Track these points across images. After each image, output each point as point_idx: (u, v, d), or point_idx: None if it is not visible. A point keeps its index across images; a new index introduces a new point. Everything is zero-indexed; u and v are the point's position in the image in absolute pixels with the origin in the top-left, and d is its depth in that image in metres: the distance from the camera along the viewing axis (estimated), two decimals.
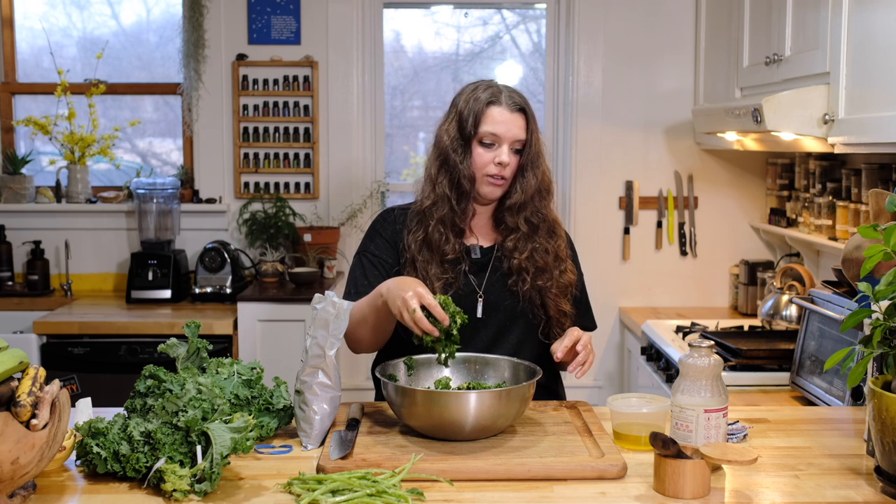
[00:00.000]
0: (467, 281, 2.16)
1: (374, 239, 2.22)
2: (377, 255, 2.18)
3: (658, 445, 1.53)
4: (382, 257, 2.18)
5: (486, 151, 2.11)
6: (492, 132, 2.10)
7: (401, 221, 2.21)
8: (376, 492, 1.48)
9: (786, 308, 3.23)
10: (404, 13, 4.41)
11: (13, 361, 1.43)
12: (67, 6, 4.42)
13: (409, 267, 2.14)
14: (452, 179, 2.13)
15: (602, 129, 4.15)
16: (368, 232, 2.25)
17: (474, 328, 2.13)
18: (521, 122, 2.12)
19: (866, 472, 1.65)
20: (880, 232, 1.54)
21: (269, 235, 4.11)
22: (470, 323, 2.10)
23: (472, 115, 2.10)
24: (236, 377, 1.79)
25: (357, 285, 2.15)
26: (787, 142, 3.05)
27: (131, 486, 1.56)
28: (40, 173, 4.43)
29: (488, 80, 2.19)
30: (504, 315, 2.16)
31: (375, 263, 2.17)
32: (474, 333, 2.12)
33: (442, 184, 2.14)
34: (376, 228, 2.24)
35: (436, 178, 2.15)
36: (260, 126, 4.21)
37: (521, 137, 2.11)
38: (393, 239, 2.19)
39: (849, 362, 1.66)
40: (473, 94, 2.14)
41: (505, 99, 2.11)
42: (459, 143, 2.12)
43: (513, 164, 2.12)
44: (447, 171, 2.14)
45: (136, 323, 3.68)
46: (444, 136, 2.15)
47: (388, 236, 2.20)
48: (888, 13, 2.34)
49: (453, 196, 2.13)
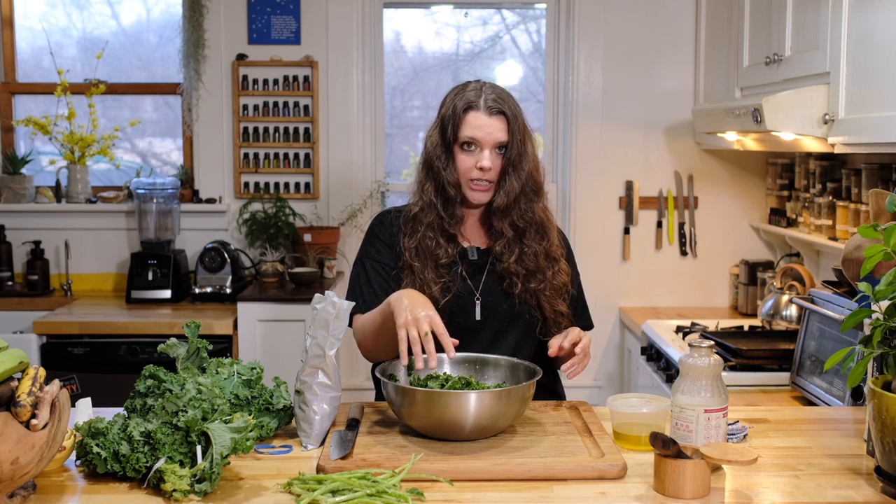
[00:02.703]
0: (465, 284, 2.15)
1: (374, 243, 2.21)
2: (378, 261, 2.18)
3: (658, 445, 1.53)
4: (383, 262, 2.17)
5: (468, 156, 2.10)
6: (470, 137, 2.09)
7: (397, 224, 2.20)
8: (376, 492, 1.48)
9: (786, 308, 3.23)
10: (404, 13, 4.41)
11: (13, 361, 1.43)
12: (67, 6, 4.42)
13: (407, 270, 2.14)
14: (437, 186, 2.13)
15: (602, 129, 4.15)
16: (367, 236, 2.24)
17: (473, 331, 2.12)
18: (501, 124, 2.09)
19: (866, 472, 1.65)
20: (880, 232, 1.54)
21: (269, 235, 4.11)
22: (469, 325, 2.10)
23: (452, 121, 2.10)
24: (236, 377, 1.79)
25: (364, 296, 2.14)
26: (787, 142, 3.05)
27: (131, 486, 1.56)
28: (40, 173, 4.43)
29: (474, 82, 2.16)
30: (501, 317, 2.16)
31: (378, 269, 2.17)
32: (473, 336, 2.11)
33: (428, 190, 2.14)
34: (374, 232, 2.23)
35: (423, 184, 2.16)
36: (260, 126, 4.21)
37: (501, 140, 2.09)
38: (391, 242, 2.19)
39: (849, 362, 1.66)
40: (454, 98, 2.12)
41: (483, 103, 2.09)
42: (442, 150, 2.12)
43: (496, 167, 2.11)
44: (432, 178, 2.13)
45: (136, 323, 3.68)
46: (429, 142, 2.15)
47: (386, 239, 2.20)
48: (888, 13, 2.34)
49: (439, 202, 2.13)
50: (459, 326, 2.07)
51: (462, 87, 2.15)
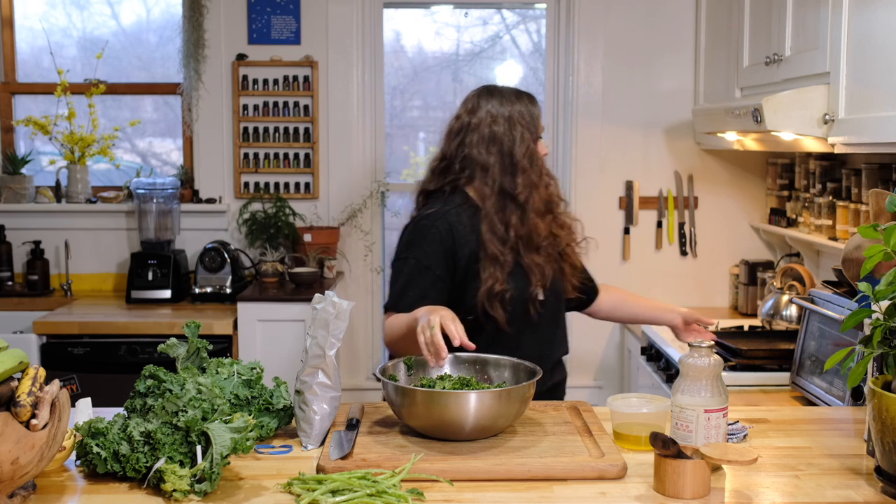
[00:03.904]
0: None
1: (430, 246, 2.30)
2: (427, 265, 2.27)
3: (658, 445, 1.53)
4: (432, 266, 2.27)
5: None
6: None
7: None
8: (376, 492, 1.48)
9: (786, 308, 3.23)
10: (404, 13, 4.41)
11: (13, 361, 1.43)
12: (67, 6, 4.42)
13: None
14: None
15: (602, 129, 4.15)
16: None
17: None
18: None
19: (866, 472, 1.65)
20: (880, 232, 1.54)
21: (269, 235, 4.11)
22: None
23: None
24: (236, 377, 1.79)
25: (405, 296, 2.23)
26: (787, 142, 3.05)
27: (131, 486, 1.56)
28: (40, 173, 4.42)
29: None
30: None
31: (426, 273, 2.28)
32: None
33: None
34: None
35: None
36: (260, 126, 4.21)
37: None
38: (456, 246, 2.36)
39: (849, 362, 1.66)
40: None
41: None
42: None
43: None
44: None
45: (135, 323, 3.68)
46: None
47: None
48: (888, 13, 2.34)
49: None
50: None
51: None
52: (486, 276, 2.18)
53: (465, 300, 2.21)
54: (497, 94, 2.31)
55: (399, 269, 2.24)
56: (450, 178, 2.29)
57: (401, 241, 2.30)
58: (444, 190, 2.30)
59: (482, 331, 2.19)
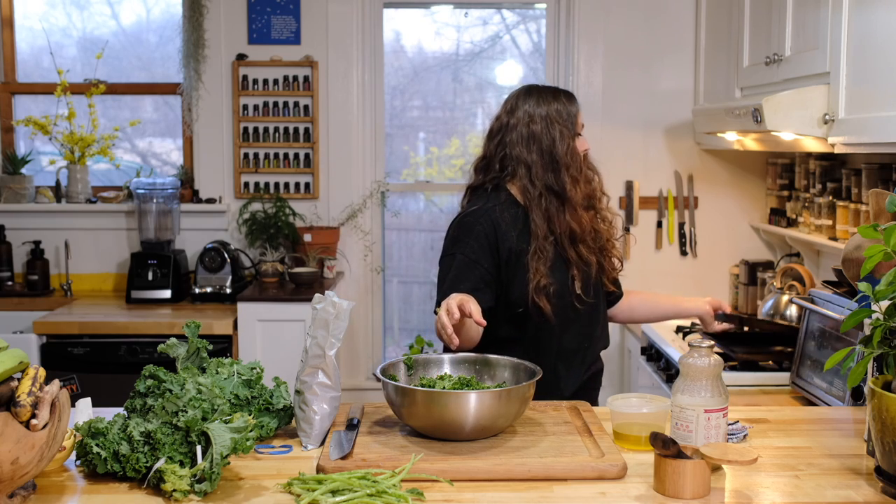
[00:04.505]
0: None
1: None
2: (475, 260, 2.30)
3: (658, 445, 1.52)
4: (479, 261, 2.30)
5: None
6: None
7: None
8: (376, 492, 1.48)
9: (786, 308, 3.23)
10: (404, 13, 4.41)
11: (13, 361, 1.43)
12: (67, 6, 4.42)
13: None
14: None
15: (602, 129, 4.15)
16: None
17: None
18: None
19: (866, 472, 1.65)
20: (880, 232, 1.54)
21: (269, 235, 4.11)
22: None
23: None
24: (236, 377, 1.79)
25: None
26: (787, 142, 3.05)
27: (131, 486, 1.56)
28: (40, 173, 4.42)
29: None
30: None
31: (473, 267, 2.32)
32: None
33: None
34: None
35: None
36: (260, 126, 4.21)
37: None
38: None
39: (849, 362, 1.66)
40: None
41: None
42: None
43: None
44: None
45: (135, 323, 3.68)
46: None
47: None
48: (888, 13, 2.34)
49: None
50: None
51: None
52: (533, 270, 2.22)
53: (510, 294, 2.25)
54: (535, 94, 2.37)
55: (447, 266, 2.28)
56: (491, 175, 2.35)
57: (447, 239, 2.35)
58: (487, 187, 2.35)
59: (527, 323, 2.25)
